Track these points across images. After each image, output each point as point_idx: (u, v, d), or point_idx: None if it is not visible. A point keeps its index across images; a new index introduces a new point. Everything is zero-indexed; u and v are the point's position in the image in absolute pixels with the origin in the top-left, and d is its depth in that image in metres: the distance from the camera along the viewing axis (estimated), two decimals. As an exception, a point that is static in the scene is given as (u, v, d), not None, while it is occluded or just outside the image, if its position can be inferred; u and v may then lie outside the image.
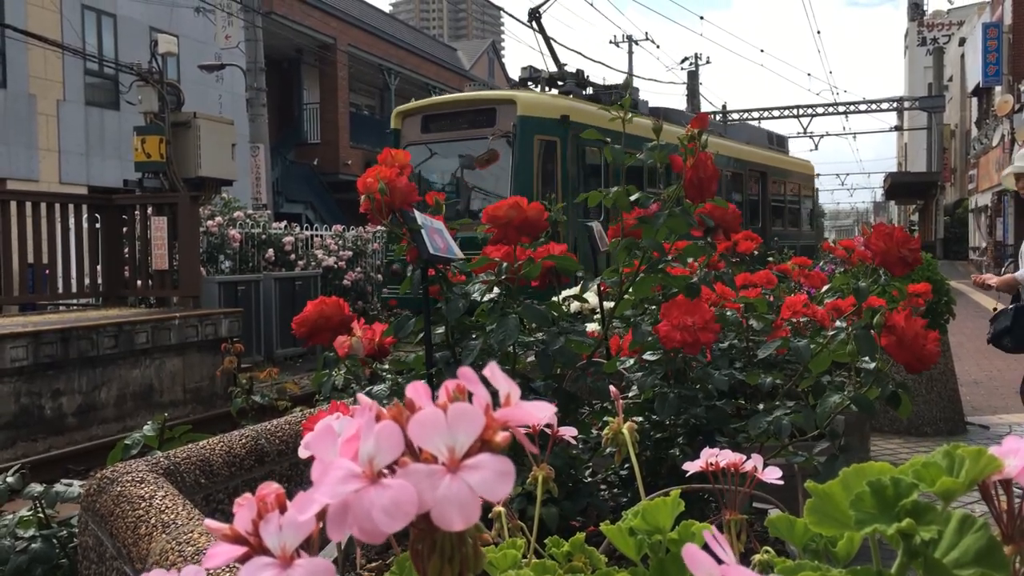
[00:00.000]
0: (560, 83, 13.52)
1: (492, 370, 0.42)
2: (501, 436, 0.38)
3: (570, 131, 11.38)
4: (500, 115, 11.34)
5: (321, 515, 0.39)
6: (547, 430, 0.52)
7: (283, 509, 0.43)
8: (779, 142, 21.45)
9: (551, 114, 11.58)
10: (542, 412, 0.42)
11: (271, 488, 0.45)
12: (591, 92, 13.88)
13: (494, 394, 0.42)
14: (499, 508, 0.63)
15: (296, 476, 2.14)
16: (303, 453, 0.68)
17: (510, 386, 0.42)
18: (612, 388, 0.90)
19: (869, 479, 0.46)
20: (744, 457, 0.75)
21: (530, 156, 11.09)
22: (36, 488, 2.18)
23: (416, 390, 0.40)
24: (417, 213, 1.78)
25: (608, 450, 1.56)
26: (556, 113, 11.60)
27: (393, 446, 0.37)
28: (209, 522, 0.46)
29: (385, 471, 0.37)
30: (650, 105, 15.94)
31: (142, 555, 1.52)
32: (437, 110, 12.07)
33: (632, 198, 1.89)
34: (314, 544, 0.42)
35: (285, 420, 2.25)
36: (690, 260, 2.14)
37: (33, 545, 2.07)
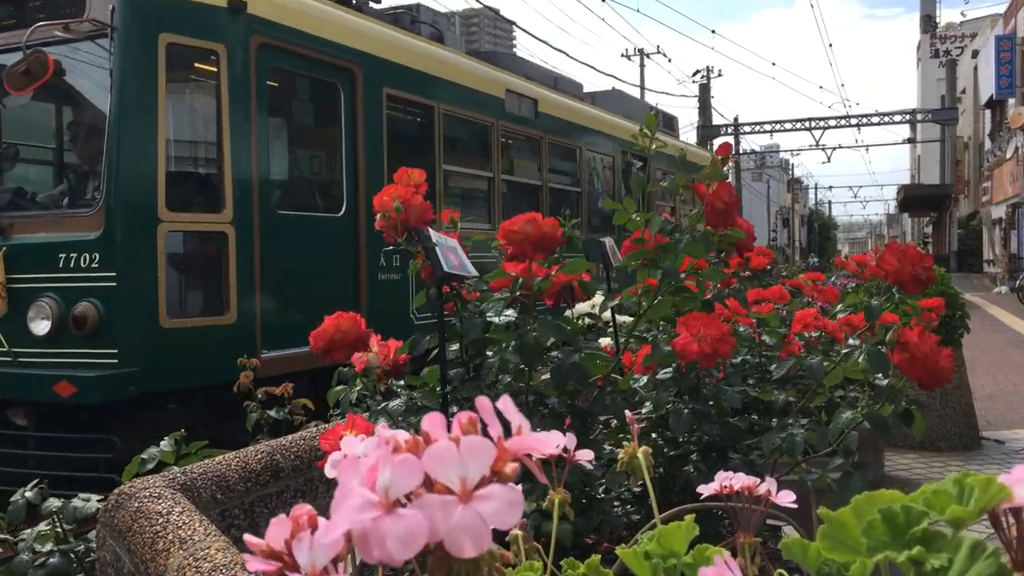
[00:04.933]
0: None
1: (504, 403, 0.44)
2: (511, 467, 0.41)
3: (253, 36, 6.10)
4: None
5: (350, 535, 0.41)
6: (564, 454, 0.54)
7: (315, 529, 0.45)
8: (667, 123, 17.03)
9: None
10: (552, 441, 0.44)
11: (304, 509, 0.47)
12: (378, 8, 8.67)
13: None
14: (516, 531, 0.64)
15: (311, 491, 2.15)
16: (330, 473, 0.70)
17: (520, 419, 0.44)
18: (628, 413, 0.91)
19: (880, 506, 0.47)
20: (758, 480, 0.76)
21: (149, 78, 5.55)
22: (54, 503, 2.21)
23: (432, 422, 0.41)
24: (432, 231, 1.80)
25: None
26: None
27: (408, 478, 0.39)
28: (248, 537, 0.48)
29: (403, 500, 0.39)
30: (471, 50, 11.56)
31: (160, 571, 1.54)
32: None
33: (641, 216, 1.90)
34: (344, 562, 0.44)
35: (300, 435, 2.26)
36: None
37: (51, 560, 2.09)
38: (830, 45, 56.33)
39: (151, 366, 5.40)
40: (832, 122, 38.29)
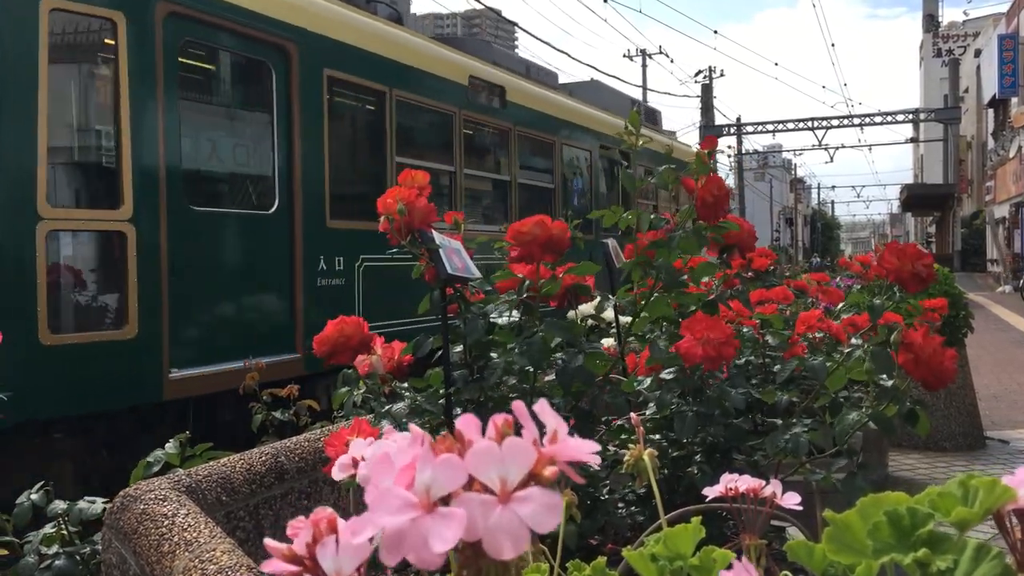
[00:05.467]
0: None
1: (542, 407, 0.44)
2: (549, 471, 0.41)
3: (159, 3, 5.30)
4: None
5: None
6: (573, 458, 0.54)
7: (336, 534, 0.45)
8: (650, 117, 15.38)
9: None
10: (587, 449, 0.44)
11: (324, 513, 0.47)
12: None
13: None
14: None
15: (316, 493, 2.16)
16: (337, 476, 0.70)
17: (557, 422, 0.44)
18: (633, 415, 0.91)
19: (886, 509, 0.47)
20: (763, 483, 0.76)
21: (28, 50, 4.72)
22: (60, 505, 2.22)
23: (467, 423, 0.42)
24: (435, 233, 1.80)
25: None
26: None
27: (452, 478, 0.39)
28: (268, 542, 0.48)
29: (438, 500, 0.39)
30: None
31: (165, 573, 1.54)
32: None
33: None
34: (364, 568, 0.44)
35: (304, 437, 2.27)
36: (705, 279, 2.15)
37: (57, 562, 2.10)
38: (832, 45, 56.43)
39: (27, 391, 4.37)
40: (835, 122, 38.24)
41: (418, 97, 7.94)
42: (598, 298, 2.15)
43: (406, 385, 1.92)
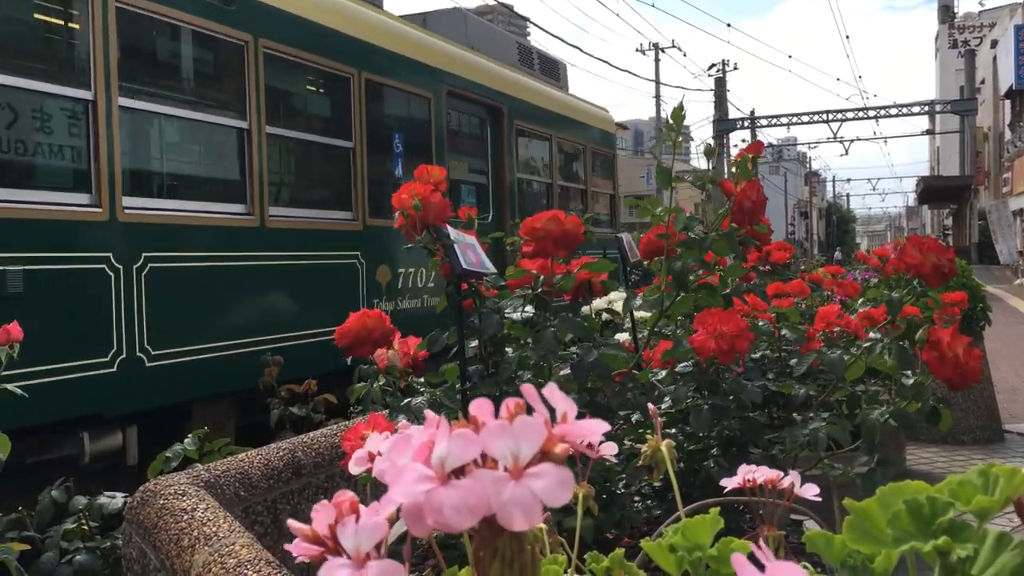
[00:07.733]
0: None
1: (551, 390, 0.45)
2: (560, 448, 0.42)
3: None
4: None
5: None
6: (587, 451, 0.55)
7: (357, 515, 0.46)
8: (546, 68, 11.23)
9: None
10: (597, 429, 0.45)
11: (346, 496, 0.48)
12: None
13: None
14: (539, 524, 0.65)
15: (333, 488, 2.17)
16: (354, 471, 0.71)
17: (567, 405, 0.45)
18: (651, 406, 0.92)
19: (906, 497, 0.47)
20: (781, 474, 0.76)
21: None
22: (81, 500, 2.24)
23: (480, 406, 0.43)
24: (450, 228, 1.81)
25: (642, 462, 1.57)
26: None
27: (465, 451, 0.41)
28: (292, 522, 0.49)
29: (453, 477, 0.41)
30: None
31: (185, 567, 1.56)
32: None
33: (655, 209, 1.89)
34: (384, 547, 0.45)
35: (321, 432, 2.28)
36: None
37: (78, 557, 2.12)
38: (847, 37, 56.22)
39: None
40: (850, 114, 38.03)
41: None
42: (614, 293, 2.15)
43: (422, 380, 1.93)
